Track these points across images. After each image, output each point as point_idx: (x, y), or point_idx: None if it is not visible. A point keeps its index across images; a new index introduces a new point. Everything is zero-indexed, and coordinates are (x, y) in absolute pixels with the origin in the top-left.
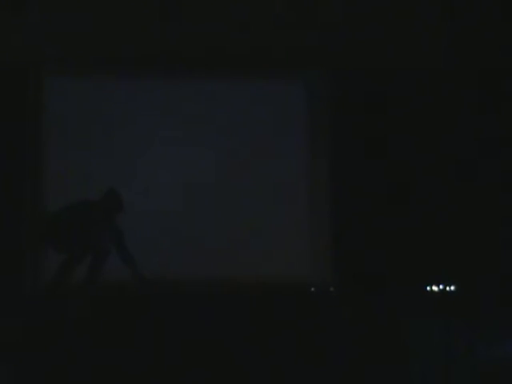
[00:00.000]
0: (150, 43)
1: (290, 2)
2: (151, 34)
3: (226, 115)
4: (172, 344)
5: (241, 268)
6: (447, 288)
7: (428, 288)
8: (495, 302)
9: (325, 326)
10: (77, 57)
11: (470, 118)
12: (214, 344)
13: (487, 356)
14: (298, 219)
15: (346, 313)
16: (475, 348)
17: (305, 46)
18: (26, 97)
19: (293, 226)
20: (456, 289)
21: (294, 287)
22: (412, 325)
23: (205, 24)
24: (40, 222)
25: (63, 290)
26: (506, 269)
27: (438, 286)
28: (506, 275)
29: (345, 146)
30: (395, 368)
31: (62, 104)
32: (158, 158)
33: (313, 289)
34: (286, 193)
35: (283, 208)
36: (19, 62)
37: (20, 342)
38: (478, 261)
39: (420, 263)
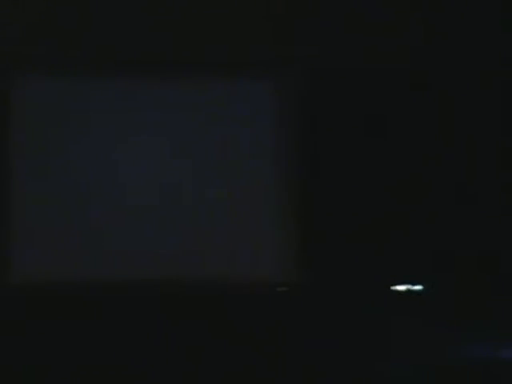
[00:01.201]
0: (121, 44)
1: None
2: (117, 34)
3: (194, 115)
4: (132, 349)
5: (205, 267)
6: (414, 287)
7: (396, 287)
8: (461, 303)
9: (293, 327)
10: (53, 56)
11: (451, 119)
12: (177, 348)
13: (453, 358)
14: (265, 216)
15: (316, 312)
16: (442, 349)
17: (276, 44)
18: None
19: (260, 223)
20: (422, 288)
21: (260, 287)
22: (381, 324)
23: (172, 21)
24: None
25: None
26: (473, 268)
27: (406, 286)
28: (471, 275)
29: (316, 145)
30: (364, 368)
31: (37, 103)
32: (130, 159)
33: (280, 289)
34: (253, 190)
35: (250, 205)
36: None
37: None
38: (445, 260)
39: (390, 262)
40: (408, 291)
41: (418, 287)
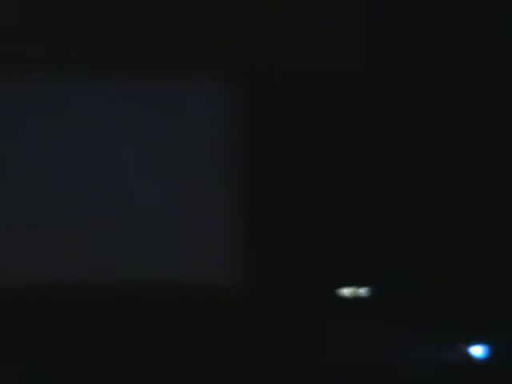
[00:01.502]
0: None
1: None
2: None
3: (141, 116)
4: (73, 354)
5: (150, 270)
6: (363, 290)
7: (345, 289)
8: (412, 305)
9: (241, 332)
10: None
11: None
12: (122, 354)
13: (406, 361)
14: (212, 216)
15: (264, 318)
16: (395, 353)
17: (224, 44)
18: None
19: (207, 224)
20: (372, 291)
21: (208, 290)
22: (332, 328)
23: (111, 21)
24: None
25: None
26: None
27: (353, 288)
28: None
29: (264, 146)
30: (313, 371)
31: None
32: (72, 162)
33: (229, 292)
34: (200, 190)
35: (197, 205)
36: None
37: None
38: (392, 262)
39: (340, 263)
40: (356, 294)
41: (368, 289)
